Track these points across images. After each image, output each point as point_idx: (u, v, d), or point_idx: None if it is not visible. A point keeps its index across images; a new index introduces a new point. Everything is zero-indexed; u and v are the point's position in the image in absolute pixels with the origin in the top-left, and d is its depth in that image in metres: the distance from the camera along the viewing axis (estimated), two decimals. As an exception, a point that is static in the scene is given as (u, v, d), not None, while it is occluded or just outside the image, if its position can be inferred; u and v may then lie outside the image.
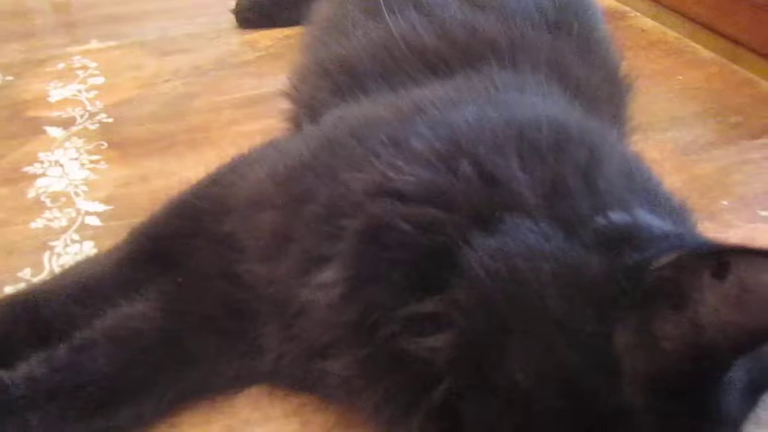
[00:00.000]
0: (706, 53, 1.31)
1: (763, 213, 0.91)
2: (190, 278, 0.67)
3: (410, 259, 0.56)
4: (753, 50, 1.24)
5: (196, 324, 0.65)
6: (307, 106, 0.86)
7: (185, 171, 0.82)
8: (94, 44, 1.35)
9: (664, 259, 0.48)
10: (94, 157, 1.01)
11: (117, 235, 0.77)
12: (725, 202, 0.93)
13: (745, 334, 0.46)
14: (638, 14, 1.46)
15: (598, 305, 0.49)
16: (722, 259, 0.46)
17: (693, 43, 1.34)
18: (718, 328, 0.47)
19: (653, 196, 0.59)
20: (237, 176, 0.73)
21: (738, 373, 0.51)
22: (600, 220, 0.53)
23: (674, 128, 1.09)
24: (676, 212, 0.59)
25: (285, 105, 0.94)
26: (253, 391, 0.68)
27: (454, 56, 0.78)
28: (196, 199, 0.74)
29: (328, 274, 0.57)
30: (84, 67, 1.26)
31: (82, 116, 1.11)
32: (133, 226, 0.75)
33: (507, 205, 0.54)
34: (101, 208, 0.92)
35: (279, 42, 1.34)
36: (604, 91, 0.85)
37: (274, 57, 1.28)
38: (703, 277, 0.46)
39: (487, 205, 0.54)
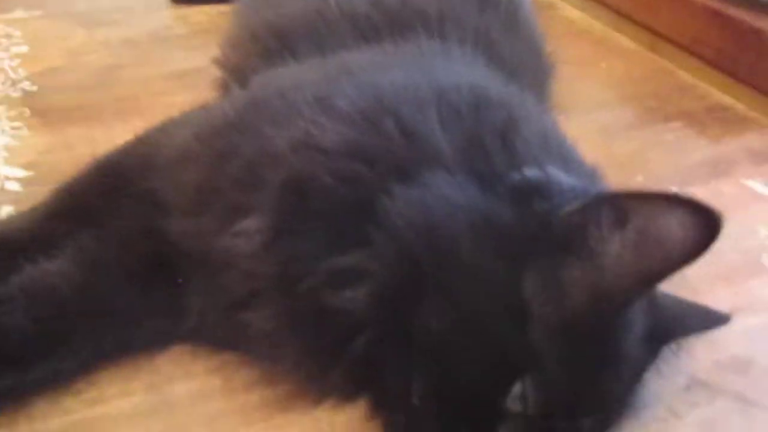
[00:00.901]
0: (628, 43, 1.37)
1: (674, 189, 0.97)
2: (111, 234, 0.66)
3: (332, 212, 0.57)
4: (671, 41, 1.31)
5: (116, 280, 0.64)
6: (237, 72, 0.86)
7: (112, 139, 0.80)
8: (19, 13, 1.30)
9: (571, 207, 0.50)
10: (16, 124, 0.98)
11: (38, 200, 0.74)
12: (640, 178, 0.98)
13: (643, 276, 0.49)
14: (567, 5, 1.52)
15: (509, 252, 0.51)
16: (623, 205, 0.49)
17: (617, 34, 1.40)
18: (619, 272, 0.50)
19: (567, 159, 0.62)
20: (164, 135, 0.73)
21: (638, 322, 0.55)
22: (514, 176, 0.55)
23: (597, 111, 1.14)
24: (588, 175, 0.62)
25: (216, 73, 0.94)
26: (176, 348, 0.67)
27: (384, 24, 0.79)
28: (122, 157, 0.74)
29: (250, 223, 0.57)
30: (8, 36, 1.22)
31: (3, 83, 1.08)
32: (56, 188, 0.73)
33: (426, 160, 0.56)
34: (22, 173, 0.89)
35: (213, 18, 1.32)
36: (528, 67, 0.89)
37: (207, 32, 1.26)
38: (606, 225, 0.49)
39: (408, 160, 0.56)
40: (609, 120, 1.11)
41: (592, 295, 0.50)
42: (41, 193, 0.77)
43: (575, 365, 0.51)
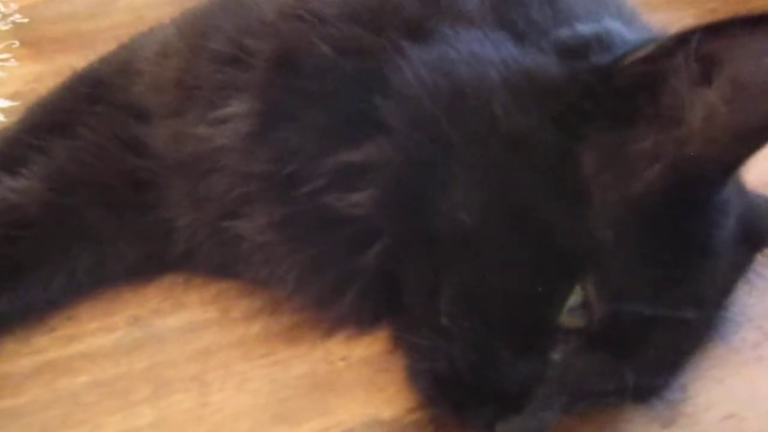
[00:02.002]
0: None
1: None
2: (85, 146, 0.57)
3: (334, 91, 0.46)
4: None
5: (90, 197, 0.54)
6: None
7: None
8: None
9: (639, 53, 0.38)
10: (4, 56, 0.90)
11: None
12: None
13: (740, 138, 0.37)
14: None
15: (560, 117, 0.40)
16: (710, 44, 0.37)
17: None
18: (707, 137, 0.38)
19: (628, 14, 0.49)
20: (145, 37, 0.63)
21: (731, 211, 0.43)
22: (564, 31, 0.44)
23: None
24: (649, 31, 0.50)
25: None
26: (166, 278, 0.58)
27: None
28: (101, 64, 0.64)
29: (234, 107, 0.47)
30: (0, -28, 1.15)
31: (-7, 17, 1.00)
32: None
33: (446, 15, 0.44)
34: (6, 104, 0.81)
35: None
36: None
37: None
38: (687, 73, 0.38)
39: (423, 16, 0.45)
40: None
41: (672, 171, 0.39)
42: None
43: (653, 262, 0.39)
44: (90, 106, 0.60)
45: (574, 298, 0.42)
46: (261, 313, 0.55)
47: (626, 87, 0.39)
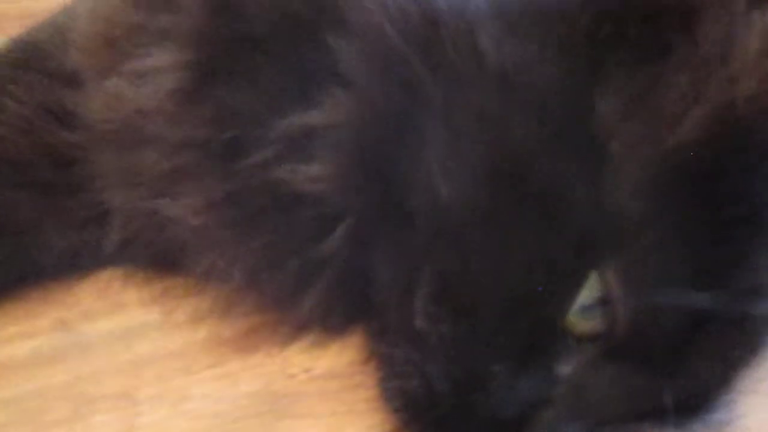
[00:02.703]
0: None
1: None
2: (6, 121, 0.48)
3: (281, 37, 0.37)
4: None
5: (8, 177, 0.46)
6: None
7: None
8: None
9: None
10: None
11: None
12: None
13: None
14: None
15: (570, 45, 0.30)
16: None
17: None
18: (764, 77, 0.28)
19: None
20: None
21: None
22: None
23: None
24: None
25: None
26: (104, 275, 0.49)
27: None
28: (37, 29, 0.56)
29: (155, 58, 0.38)
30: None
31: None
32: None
33: None
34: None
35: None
36: None
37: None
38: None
39: None
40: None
41: (717, 119, 0.29)
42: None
43: (695, 240, 0.30)
44: (19, 74, 0.51)
45: (589, 294, 0.32)
46: (210, 316, 0.45)
47: (656, 10, 0.29)
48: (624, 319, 0.31)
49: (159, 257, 0.47)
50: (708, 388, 0.34)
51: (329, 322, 0.42)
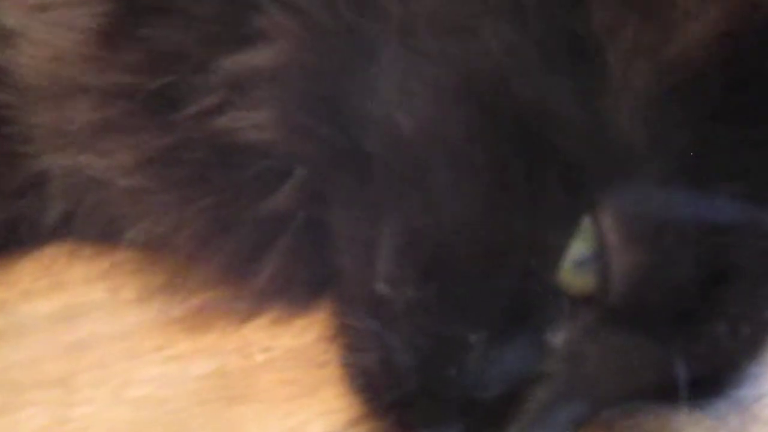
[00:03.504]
0: None
1: None
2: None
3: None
4: None
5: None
6: None
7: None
8: None
9: None
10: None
11: None
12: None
13: None
14: None
15: None
16: None
17: None
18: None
19: None
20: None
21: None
22: None
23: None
24: None
25: None
26: (47, 251, 0.44)
27: None
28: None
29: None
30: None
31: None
32: None
33: None
34: None
35: None
36: None
37: None
38: None
39: None
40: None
41: (735, 17, 0.23)
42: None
43: (712, 171, 0.24)
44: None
45: (583, 244, 0.27)
46: (161, 293, 0.41)
47: None
48: (621, 274, 0.26)
49: (105, 229, 0.42)
50: (731, 358, 0.28)
51: (291, 294, 0.37)
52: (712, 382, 0.29)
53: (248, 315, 0.38)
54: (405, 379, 0.28)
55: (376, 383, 0.29)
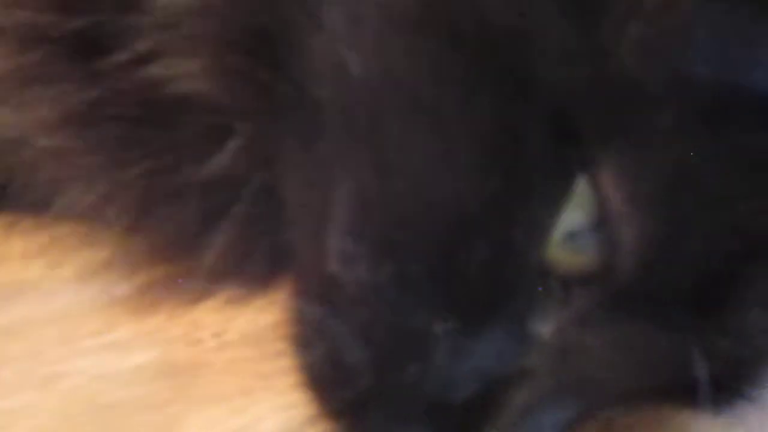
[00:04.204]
0: None
1: None
2: None
3: None
4: None
5: None
6: None
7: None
8: None
9: None
10: None
11: None
12: None
13: None
14: None
15: None
16: None
17: None
18: None
19: None
20: None
21: None
22: None
23: None
24: None
25: None
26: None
27: None
28: None
29: None
30: None
31: None
32: None
33: None
34: None
35: None
36: None
37: None
38: None
39: None
40: None
41: None
42: None
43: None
44: None
45: (577, 212, 0.22)
46: (103, 270, 0.36)
47: None
48: (627, 247, 0.21)
49: (38, 198, 0.37)
50: (759, 352, 0.23)
51: (247, 270, 0.33)
52: (733, 381, 0.24)
53: (198, 295, 0.33)
54: (357, 377, 0.23)
55: (324, 381, 0.25)
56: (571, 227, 0.22)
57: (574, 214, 0.22)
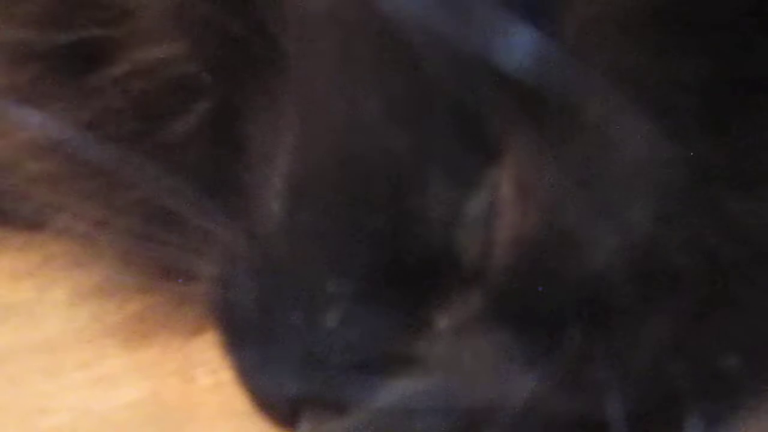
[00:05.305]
0: None
1: None
2: None
3: None
4: None
5: None
6: None
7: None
8: None
9: None
10: None
11: None
12: None
13: None
14: None
15: None
16: None
17: None
18: None
19: None
20: None
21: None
22: None
23: None
24: None
25: None
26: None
27: None
28: None
29: None
30: None
31: None
32: None
33: None
34: None
35: None
36: None
37: None
38: None
39: None
40: None
41: None
42: None
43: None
44: None
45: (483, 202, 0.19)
46: (95, 295, 0.34)
47: None
48: (505, 239, 0.19)
49: (32, 213, 0.35)
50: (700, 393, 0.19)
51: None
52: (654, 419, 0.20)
53: (195, 327, 0.31)
54: (245, 308, 0.23)
55: (215, 305, 0.25)
56: (476, 211, 0.20)
57: (481, 203, 0.20)
